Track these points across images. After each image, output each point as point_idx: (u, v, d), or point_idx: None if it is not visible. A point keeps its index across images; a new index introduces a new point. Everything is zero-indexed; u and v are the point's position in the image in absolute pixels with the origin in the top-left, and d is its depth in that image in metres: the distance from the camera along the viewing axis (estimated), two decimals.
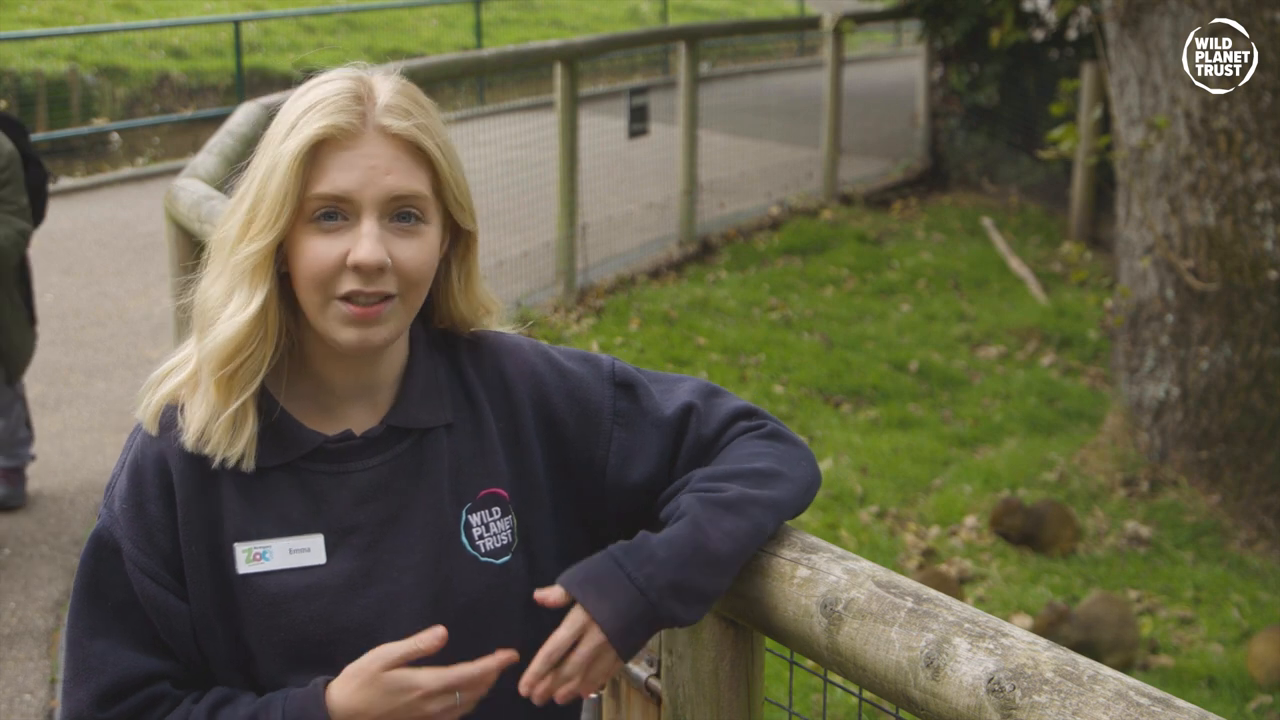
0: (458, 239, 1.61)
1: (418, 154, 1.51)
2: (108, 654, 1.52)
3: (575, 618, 1.50)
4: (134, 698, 1.52)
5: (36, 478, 5.68)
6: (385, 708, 1.48)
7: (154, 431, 1.54)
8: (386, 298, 1.49)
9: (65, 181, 11.64)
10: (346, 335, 1.50)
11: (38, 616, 4.65)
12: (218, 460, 1.51)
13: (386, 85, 1.53)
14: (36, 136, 12.85)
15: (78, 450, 5.99)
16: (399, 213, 1.50)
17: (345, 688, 1.49)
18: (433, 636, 1.49)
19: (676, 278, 9.03)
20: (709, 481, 1.59)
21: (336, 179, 1.47)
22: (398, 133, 1.49)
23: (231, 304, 1.49)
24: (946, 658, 1.35)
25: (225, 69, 14.87)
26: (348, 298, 1.48)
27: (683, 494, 1.59)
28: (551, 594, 1.51)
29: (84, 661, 1.52)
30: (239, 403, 1.50)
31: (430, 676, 1.48)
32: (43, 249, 9.35)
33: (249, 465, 1.52)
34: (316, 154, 1.47)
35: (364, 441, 1.57)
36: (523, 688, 1.50)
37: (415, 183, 1.50)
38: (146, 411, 1.56)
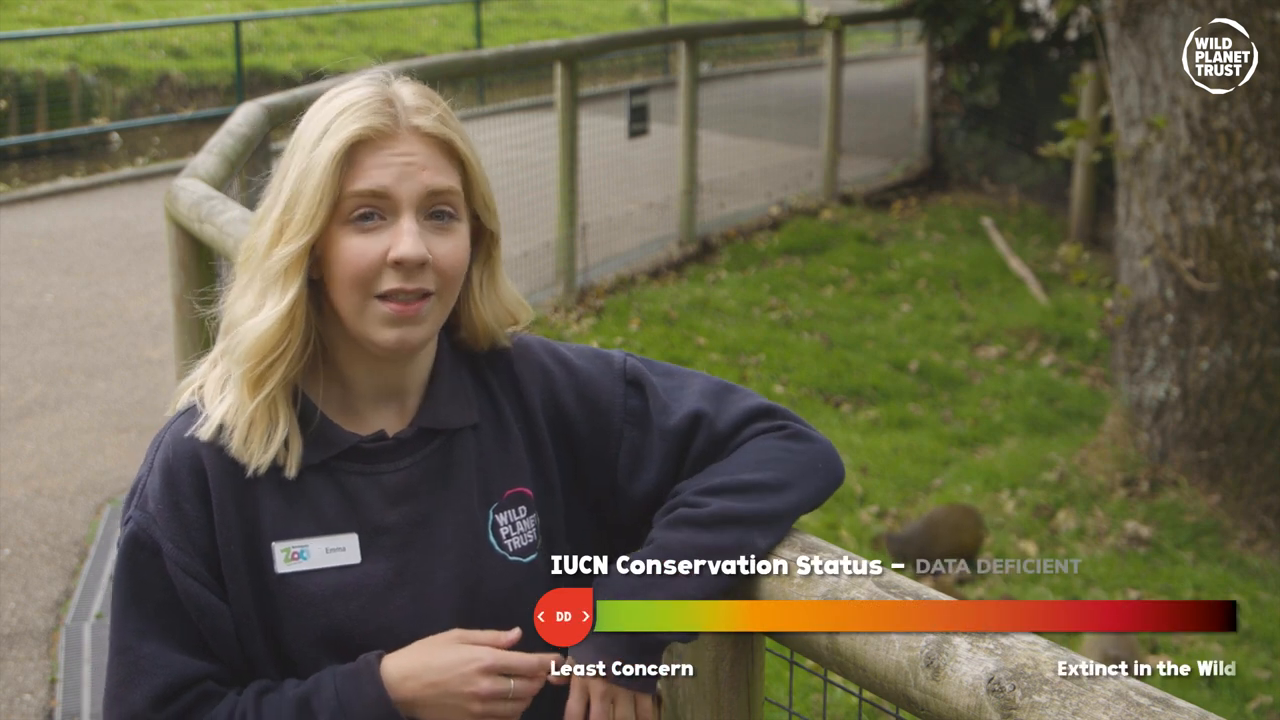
0: (479, 240, 1.62)
1: (449, 152, 1.55)
2: (158, 655, 1.51)
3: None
4: (186, 696, 1.52)
5: (36, 478, 5.68)
6: (439, 666, 1.49)
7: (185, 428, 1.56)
8: (425, 295, 1.52)
9: (65, 181, 11.64)
10: (387, 335, 1.52)
11: (38, 616, 4.65)
12: (251, 469, 1.52)
13: (409, 89, 1.56)
14: (36, 136, 12.87)
15: (78, 450, 5.99)
16: (434, 210, 1.53)
17: (406, 654, 1.51)
18: (512, 636, 1.52)
19: (676, 278, 9.03)
20: (692, 496, 1.60)
21: (375, 176, 1.50)
22: (430, 131, 1.53)
23: (263, 308, 1.51)
24: (946, 658, 1.35)
25: (225, 69, 14.86)
26: (387, 296, 1.50)
27: (659, 515, 1.60)
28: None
29: (135, 664, 1.52)
30: (264, 395, 1.51)
31: (491, 651, 1.50)
32: (43, 249, 9.35)
33: (292, 473, 1.53)
34: (352, 154, 1.50)
35: (396, 443, 1.58)
36: None
37: (449, 179, 1.54)
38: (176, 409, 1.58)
